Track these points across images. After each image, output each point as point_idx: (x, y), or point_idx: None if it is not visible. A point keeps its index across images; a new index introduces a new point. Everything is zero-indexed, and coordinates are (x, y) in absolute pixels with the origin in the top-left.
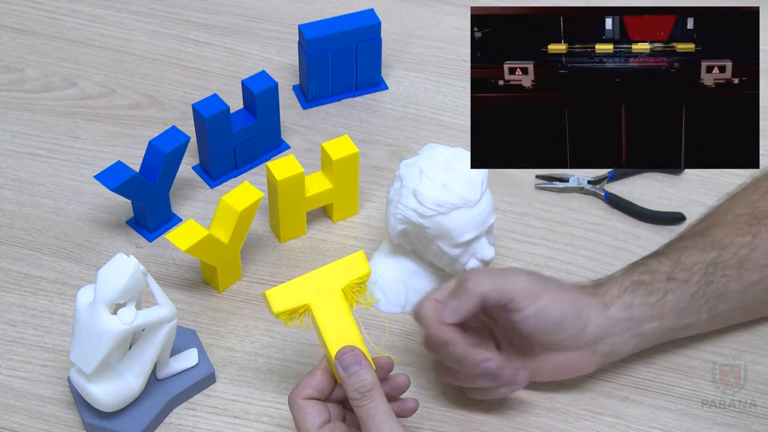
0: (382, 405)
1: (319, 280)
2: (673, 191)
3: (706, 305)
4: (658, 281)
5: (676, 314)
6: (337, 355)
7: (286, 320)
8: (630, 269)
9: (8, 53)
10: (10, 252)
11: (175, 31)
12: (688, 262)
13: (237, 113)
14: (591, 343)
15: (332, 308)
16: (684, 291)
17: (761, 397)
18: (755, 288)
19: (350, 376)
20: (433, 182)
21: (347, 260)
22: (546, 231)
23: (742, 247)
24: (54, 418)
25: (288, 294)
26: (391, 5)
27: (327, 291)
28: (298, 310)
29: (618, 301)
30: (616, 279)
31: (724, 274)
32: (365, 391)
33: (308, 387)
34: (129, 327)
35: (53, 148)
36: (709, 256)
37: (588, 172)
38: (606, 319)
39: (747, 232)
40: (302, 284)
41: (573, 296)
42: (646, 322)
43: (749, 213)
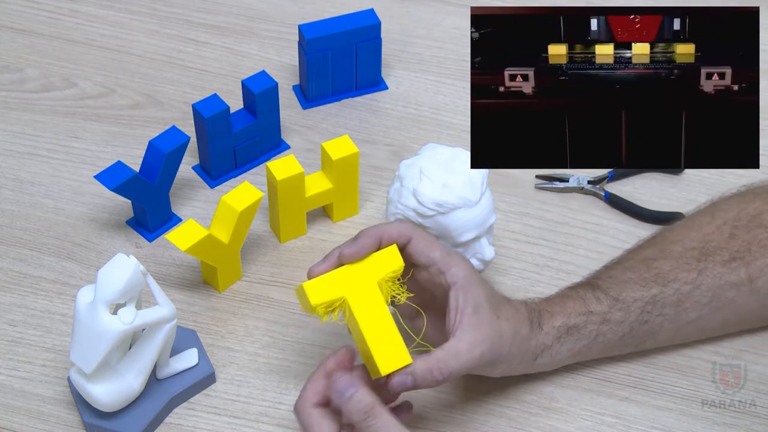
0: (390, 418)
1: (355, 274)
2: (673, 191)
3: (633, 343)
4: (592, 324)
5: (599, 352)
6: (330, 385)
7: (323, 314)
8: (570, 305)
9: (8, 53)
10: (10, 252)
11: (175, 31)
12: (628, 300)
13: (237, 113)
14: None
15: (369, 302)
16: (615, 333)
17: (761, 397)
18: (689, 327)
19: (348, 400)
20: (433, 182)
21: (381, 254)
22: (546, 231)
23: (685, 284)
24: (54, 418)
25: (324, 287)
26: (391, 5)
27: (363, 284)
28: (335, 303)
29: (548, 351)
30: (555, 321)
31: (660, 313)
32: (369, 410)
33: (316, 393)
34: (129, 327)
35: (53, 148)
36: (650, 293)
37: (588, 172)
38: (530, 368)
39: (693, 267)
40: (337, 277)
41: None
42: (565, 360)
43: (700, 248)
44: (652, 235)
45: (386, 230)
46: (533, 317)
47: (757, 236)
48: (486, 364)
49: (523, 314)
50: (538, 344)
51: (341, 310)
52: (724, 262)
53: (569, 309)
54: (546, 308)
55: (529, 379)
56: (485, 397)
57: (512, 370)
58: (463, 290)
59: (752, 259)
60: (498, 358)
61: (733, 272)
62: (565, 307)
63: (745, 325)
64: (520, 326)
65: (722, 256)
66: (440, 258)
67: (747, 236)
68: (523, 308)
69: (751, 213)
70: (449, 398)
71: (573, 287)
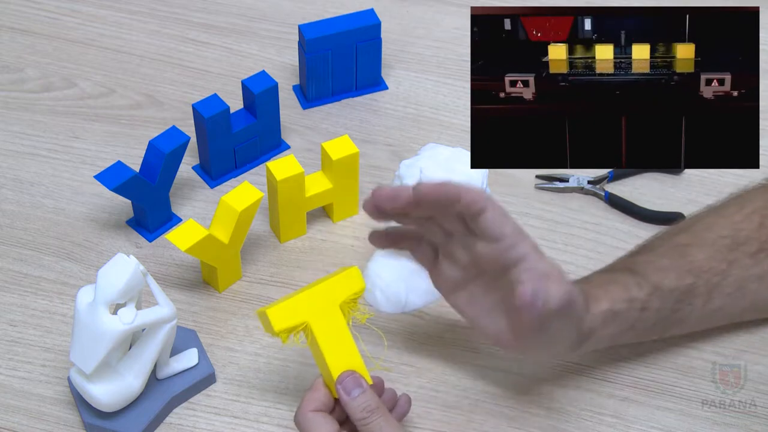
0: (392, 420)
1: (316, 297)
2: (673, 191)
3: (661, 331)
4: (633, 311)
5: (630, 338)
6: (337, 380)
7: (285, 338)
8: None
9: (8, 53)
10: (10, 252)
11: (175, 31)
12: (665, 289)
13: (237, 113)
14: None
15: (331, 326)
16: (649, 320)
17: (761, 397)
18: (713, 315)
19: (354, 399)
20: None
21: (342, 276)
22: (546, 231)
23: (715, 275)
24: (54, 418)
25: (286, 312)
26: (391, 5)
27: (325, 308)
28: (298, 327)
29: (593, 336)
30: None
31: (691, 303)
32: (373, 409)
33: (315, 401)
34: (129, 327)
35: (53, 148)
36: (685, 283)
37: (588, 172)
38: (572, 347)
39: (724, 258)
40: (300, 302)
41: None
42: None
43: (731, 236)
44: (682, 222)
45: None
46: (582, 300)
47: None
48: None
49: (577, 297)
50: (586, 326)
51: (303, 333)
52: (752, 254)
53: (613, 294)
54: (590, 291)
55: (529, 379)
56: (485, 397)
57: (556, 350)
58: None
59: None
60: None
61: (758, 264)
62: (609, 291)
63: (761, 314)
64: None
65: (751, 247)
66: (511, 233)
67: None
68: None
69: None
70: (449, 398)
71: (609, 271)
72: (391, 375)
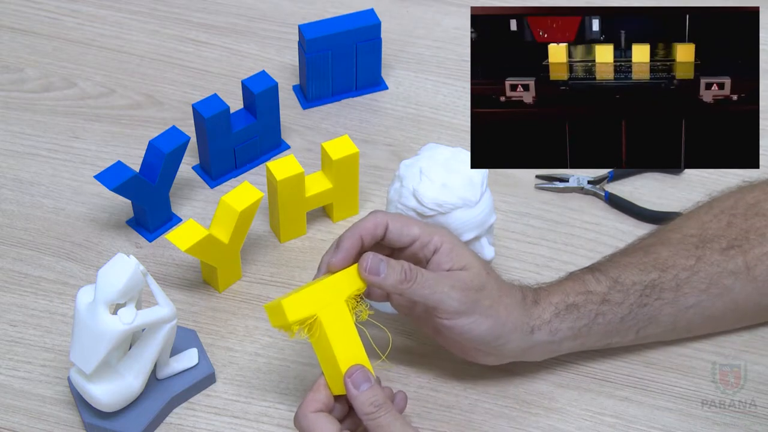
0: (398, 415)
1: (325, 291)
2: (673, 191)
3: (634, 327)
4: (591, 303)
5: (601, 335)
6: (346, 374)
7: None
8: (569, 285)
9: (8, 53)
10: (10, 252)
11: (175, 31)
12: (627, 282)
13: (237, 113)
14: (503, 356)
15: (339, 319)
16: (615, 314)
17: (761, 397)
18: (689, 312)
19: (362, 393)
20: (433, 182)
21: (345, 273)
22: (546, 231)
23: (683, 270)
24: (54, 418)
25: (300, 303)
26: (391, 5)
27: (332, 302)
28: (309, 319)
29: (546, 326)
30: (553, 298)
31: (659, 297)
32: (380, 404)
33: (316, 402)
34: (129, 327)
35: (53, 148)
36: (649, 277)
37: (588, 172)
38: (528, 341)
39: (692, 254)
40: (309, 295)
41: (500, 315)
42: (568, 342)
43: (698, 234)
44: (653, 229)
45: (363, 226)
46: (527, 292)
47: (754, 224)
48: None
49: (515, 286)
50: (533, 317)
51: (311, 326)
52: (722, 250)
53: (567, 288)
54: (542, 288)
55: (529, 379)
56: (485, 397)
57: (509, 344)
58: (448, 253)
59: (750, 247)
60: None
61: (730, 260)
62: (563, 286)
63: (745, 315)
64: (511, 290)
65: (720, 244)
66: (420, 232)
67: (745, 224)
68: (515, 284)
69: (749, 202)
70: (449, 398)
71: (571, 272)
72: (390, 374)
